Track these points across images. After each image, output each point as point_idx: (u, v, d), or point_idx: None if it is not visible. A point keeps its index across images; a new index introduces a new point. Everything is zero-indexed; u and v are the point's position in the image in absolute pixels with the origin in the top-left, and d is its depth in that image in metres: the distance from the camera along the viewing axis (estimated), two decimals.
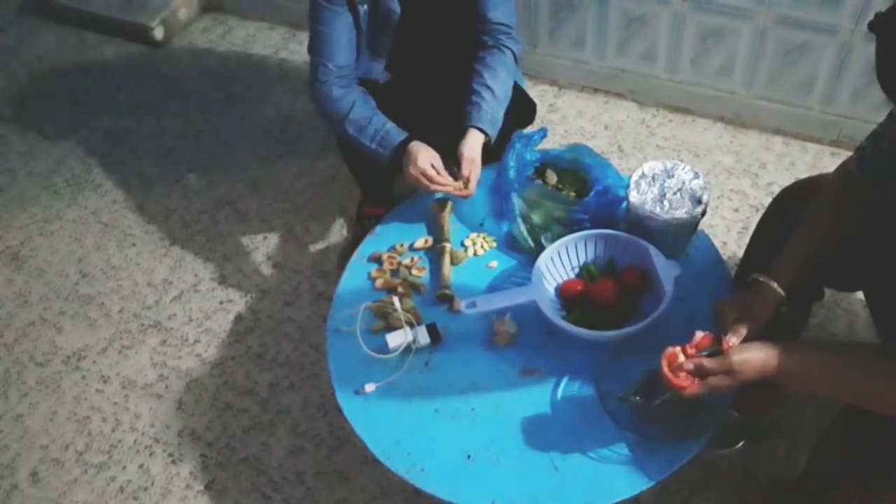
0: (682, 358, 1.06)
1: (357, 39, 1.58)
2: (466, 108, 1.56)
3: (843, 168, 1.13)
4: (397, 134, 1.54)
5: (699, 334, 1.08)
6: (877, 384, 0.93)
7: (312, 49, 1.57)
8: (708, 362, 1.02)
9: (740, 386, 1.21)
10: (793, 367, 0.98)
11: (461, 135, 1.54)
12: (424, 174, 1.48)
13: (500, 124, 1.58)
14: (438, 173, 1.50)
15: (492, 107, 1.56)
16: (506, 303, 1.30)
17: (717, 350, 1.07)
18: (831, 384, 0.98)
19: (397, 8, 1.54)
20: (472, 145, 1.52)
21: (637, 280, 1.30)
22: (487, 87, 1.56)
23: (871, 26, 0.88)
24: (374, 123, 1.54)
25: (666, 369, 1.04)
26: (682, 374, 1.04)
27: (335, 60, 1.55)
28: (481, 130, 1.54)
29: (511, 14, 1.63)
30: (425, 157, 1.49)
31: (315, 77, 1.57)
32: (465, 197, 1.51)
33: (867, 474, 1.15)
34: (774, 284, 1.11)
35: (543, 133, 1.55)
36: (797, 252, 1.14)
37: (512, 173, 1.47)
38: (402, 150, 1.52)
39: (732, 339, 1.07)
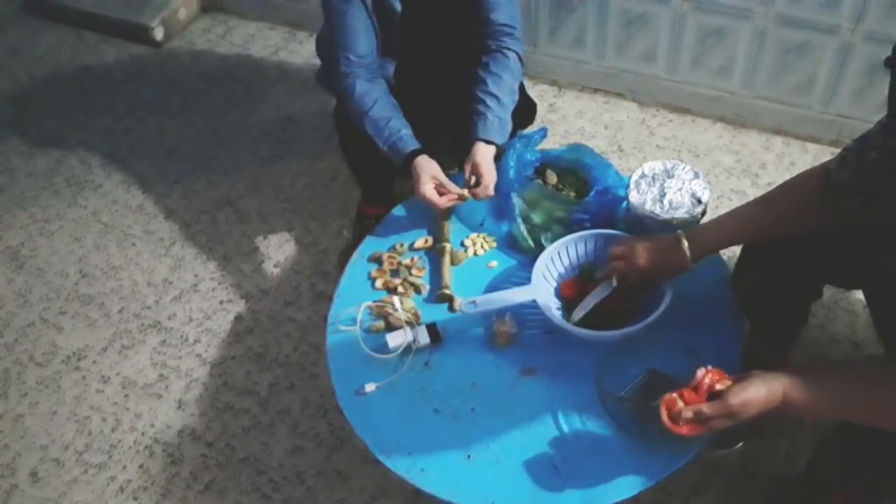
0: (681, 404, 1.02)
1: (375, 32, 1.56)
2: (472, 118, 1.54)
3: (823, 166, 1.12)
4: (409, 142, 1.52)
5: (700, 373, 1.03)
6: (889, 403, 0.93)
7: (332, 44, 1.55)
8: (707, 408, 0.99)
9: None
10: (800, 398, 0.97)
11: (468, 141, 1.52)
12: (430, 201, 1.47)
13: (508, 129, 1.56)
14: (442, 191, 1.48)
15: (498, 115, 1.54)
16: (506, 303, 1.30)
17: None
18: (842, 410, 0.97)
19: (398, 6, 1.54)
20: (483, 156, 1.50)
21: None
22: (492, 94, 1.54)
23: (888, 62, 0.88)
24: (390, 126, 1.52)
25: (665, 417, 1.01)
26: (682, 421, 1.00)
27: (356, 50, 1.53)
28: (488, 141, 1.52)
29: (515, 15, 1.60)
30: (426, 181, 1.47)
31: (339, 71, 1.55)
32: (485, 197, 1.49)
33: (869, 478, 1.15)
34: (686, 247, 1.15)
35: (543, 133, 1.55)
36: (730, 226, 1.17)
37: (512, 173, 1.47)
38: (411, 159, 1.50)
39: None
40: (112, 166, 2.37)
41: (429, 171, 1.48)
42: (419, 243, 1.52)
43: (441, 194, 1.48)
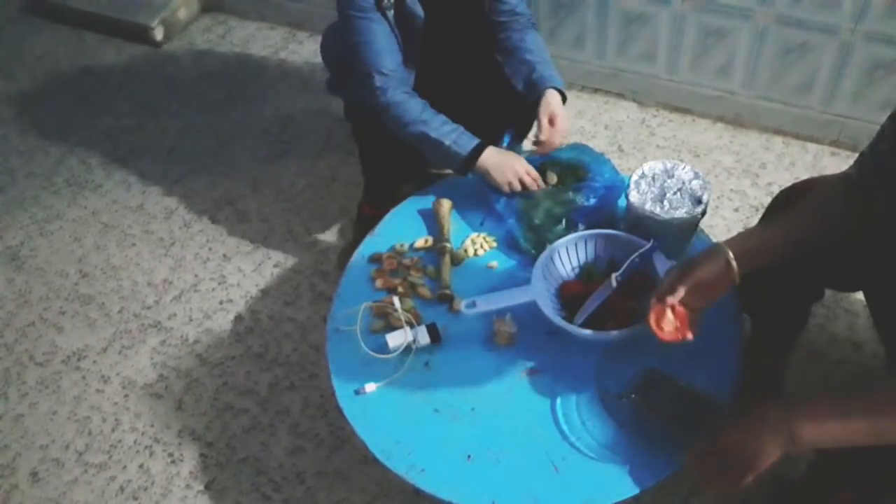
0: (670, 316, 1.09)
1: (399, 44, 1.56)
2: (525, 73, 1.59)
3: (843, 173, 1.12)
4: (472, 136, 1.52)
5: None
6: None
7: (360, 63, 1.53)
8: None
9: (742, 383, 1.21)
10: (811, 427, 0.93)
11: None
12: (522, 181, 1.49)
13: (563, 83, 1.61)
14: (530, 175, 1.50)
15: (552, 69, 1.60)
16: (506, 303, 1.30)
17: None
18: (849, 432, 0.92)
19: (420, 11, 1.53)
20: (558, 101, 1.54)
21: (637, 280, 1.30)
22: (541, 58, 1.60)
23: None
24: (449, 123, 1.52)
25: (653, 323, 1.09)
26: (667, 328, 1.09)
27: (385, 66, 1.52)
28: (556, 89, 1.56)
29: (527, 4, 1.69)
30: (511, 158, 1.50)
31: (373, 87, 1.52)
32: (559, 144, 1.54)
33: (871, 478, 1.15)
34: (731, 255, 1.07)
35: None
36: (764, 237, 1.11)
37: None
38: (476, 153, 1.50)
39: (669, 299, 1.08)
40: (112, 166, 2.37)
41: (508, 154, 1.52)
42: (419, 243, 1.52)
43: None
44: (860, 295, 1.31)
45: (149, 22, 2.76)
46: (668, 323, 1.09)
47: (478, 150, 1.50)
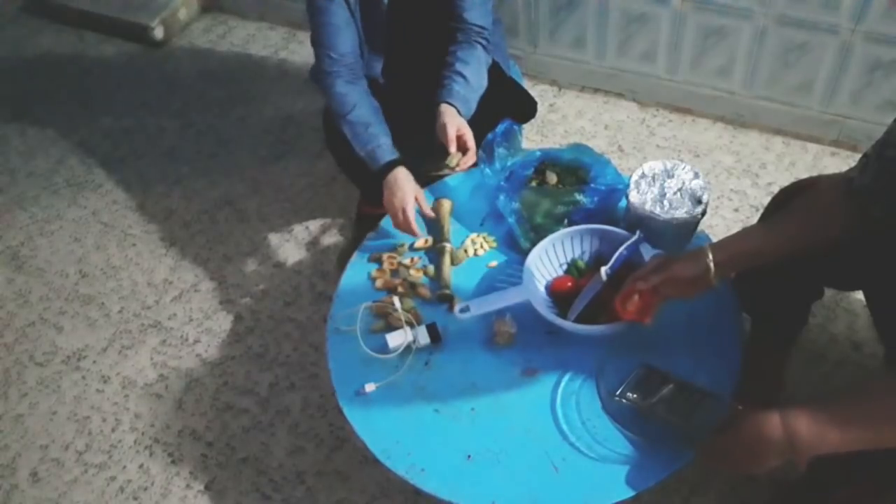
0: (635, 298, 1.15)
1: (357, 30, 1.58)
2: (437, 91, 1.58)
3: (844, 175, 1.11)
4: (388, 152, 1.53)
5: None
6: None
7: (314, 42, 1.58)
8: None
9: (742, 382, 1.21)
10: (806, 429, 0.94)
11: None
12: (404, 220, 1.47)
13: (472, 110, 1.59)
14: (413, 217, 1.48)
15: (463, 88, 1.57)
16: (499, 304, 1.30)
17: None
18: (852, 434, 0.92)
19: None
20: (451, 117, 1.53)
21: (627, 272, 1.29)
22: (458, 72, 1.58)
23: None
24: (370, 132, 1.54)
25: (618, 302, 1.15)
26: (629, 308, 1.15)
27: (338, 49, 1.55)
28: (452, 106, 1.54)
29: (487, 15, 1.63)
30: (410, 199, 1.47)
31: (321, 68, 1.57)
32: (471, 164, 1.54)
33: (869, 478, 1.15)
34: (711, 260, 1.08)
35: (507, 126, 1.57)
36: (758, 240, 1.10)
37: (510, 174, 1.47)
38: (388, 169, 1.51)
39: (640, 284, 1.13)
40: (112, 166, 2.37)
41: (412, 188, 1.49)
42: (419, 243, 1.52)
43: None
44: (860, 295, 1.30)
45: (149, 22, 2.76)
46: (632, 304, 1.15)
47: (388, 168, 1.51)
